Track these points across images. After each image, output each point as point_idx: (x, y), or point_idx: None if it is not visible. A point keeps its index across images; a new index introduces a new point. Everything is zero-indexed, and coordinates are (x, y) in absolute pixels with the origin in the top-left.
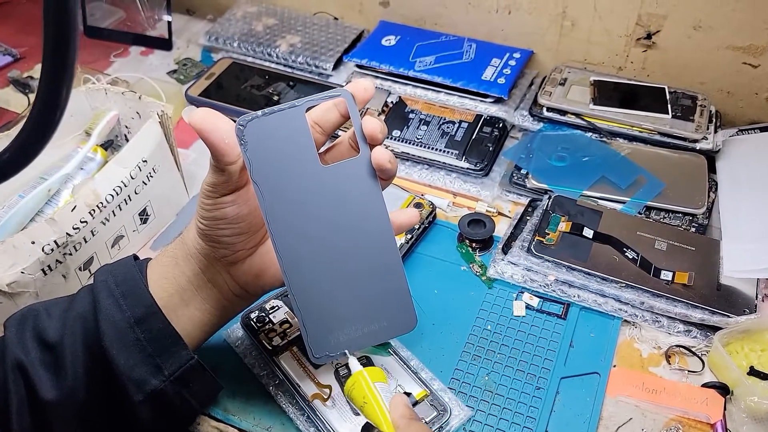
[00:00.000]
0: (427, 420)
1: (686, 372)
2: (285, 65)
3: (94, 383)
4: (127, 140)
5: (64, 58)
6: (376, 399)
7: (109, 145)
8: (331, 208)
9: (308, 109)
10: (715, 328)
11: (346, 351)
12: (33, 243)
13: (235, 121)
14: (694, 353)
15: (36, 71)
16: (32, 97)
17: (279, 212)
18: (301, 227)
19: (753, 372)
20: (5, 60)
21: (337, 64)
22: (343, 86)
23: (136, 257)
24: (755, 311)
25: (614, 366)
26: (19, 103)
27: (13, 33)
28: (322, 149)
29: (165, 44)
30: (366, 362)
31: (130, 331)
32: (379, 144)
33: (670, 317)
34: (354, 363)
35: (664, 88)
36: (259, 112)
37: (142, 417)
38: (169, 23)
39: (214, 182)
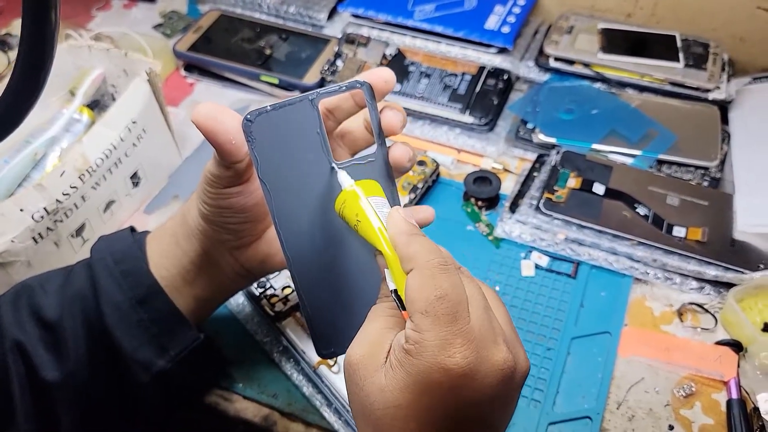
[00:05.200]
0: None
1: (699, 330)
2: (276, 16)
3: (97, 364)
4: (114, 100)
5: (46, 10)
6: (371, 215)
7: (96, 106)
8: None
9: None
10: (728, 285)
11: (334, 165)
12: (21, 210)
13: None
14: (706, 310)
15: (14, 27)
16: (12, 55)
17: (288, 211)
18: (311, 227)
19: (767, 328)
20: None
21: (332, 14)
22: (339, 38)
23: (132, 229)
24: None
25: (626, 325)
26: None
27: None
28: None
29: None
30: None
31: (133, 312)
32: (398, 133)
33: (683, 274)
34: (344, 177)
35: (675, 36)
36: (269, 106)
37: (148, 396)
38: None
39: (218, 175)
